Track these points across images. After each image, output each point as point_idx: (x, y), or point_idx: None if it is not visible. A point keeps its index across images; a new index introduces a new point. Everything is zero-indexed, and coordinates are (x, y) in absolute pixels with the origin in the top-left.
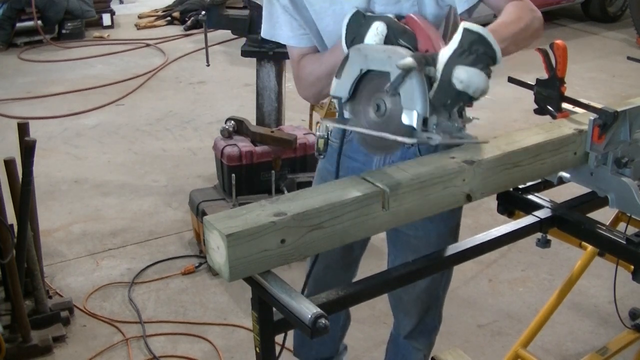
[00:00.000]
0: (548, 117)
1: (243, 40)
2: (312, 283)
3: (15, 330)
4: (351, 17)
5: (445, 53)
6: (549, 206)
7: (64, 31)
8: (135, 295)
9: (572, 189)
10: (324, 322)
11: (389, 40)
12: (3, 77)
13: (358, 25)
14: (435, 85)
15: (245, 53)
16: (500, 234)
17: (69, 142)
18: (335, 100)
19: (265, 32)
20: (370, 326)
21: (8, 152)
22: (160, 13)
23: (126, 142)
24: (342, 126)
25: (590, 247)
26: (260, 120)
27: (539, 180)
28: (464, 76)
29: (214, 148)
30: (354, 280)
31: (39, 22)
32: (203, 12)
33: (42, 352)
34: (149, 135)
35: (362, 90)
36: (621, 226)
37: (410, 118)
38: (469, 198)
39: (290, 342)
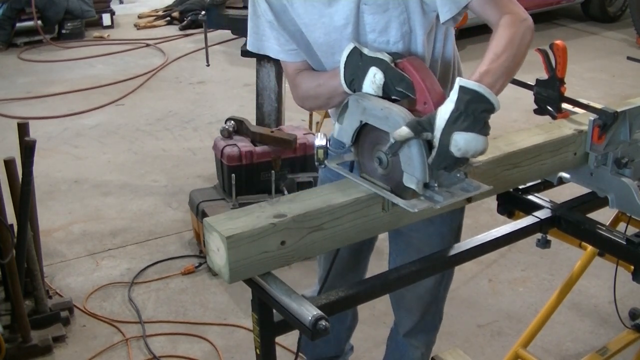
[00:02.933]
0: (548, 117)
1: (243, 40)
2: (319, 278)
3: (15, 330)
4: (348, 55)
5: (442, 116)
6: (549, 206)
7: (64, 31)
8: (135, 295)
9: (572, 189)
10: (324, 324)
11: (386, 88)
12: (3, 77)
13: (356, 64)
14: (434, 153)
15: (245, 53)
16: (500, 234)
17: (69, 142)
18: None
19: (251, 45)
20: (370, 326)
21: (8, 152)
22: (160, 13)
23: (126, 142)
24: (348, 175)
25: (590, 247)
26: (260, 120)
27: (539, 181)
28: (462, 144)
29: (214, 148)
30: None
31: (39, 22)
32: (203, 12)
33: (42, 352)
34: (149, 135)
35: (364, 139)
36: (621, 226)
37: (411, 182)
38: (469, 198)
39: (292, 340)
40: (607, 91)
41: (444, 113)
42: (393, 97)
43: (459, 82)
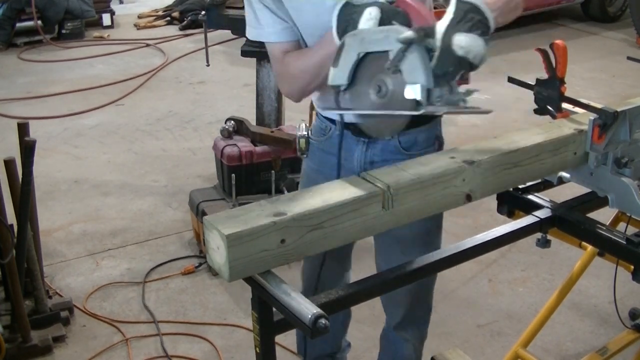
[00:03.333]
0: (548, 117)
1: (243, 40)
2: (307, 279)
3: (15, 330)
4: (341, 8)
5: (442, 24)
6: (549, 206)
7: (64, 31)
8: (136, 295)
9: (572, 189)
10: (324, 322)
11: (382, 23)
12: (3, 77)
13: (350, 14)
14: (437, 54)
15: (245, 53)
16: (500, 234)
17: (69, 142)
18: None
19: (250, 33)
20: (370, 326)
21: (8, 152)
22: (160, 13)
23: (126, 142)
24: (342, 112)
25: (590, 247)
26: (260, 120)
27: (539, 180)
28: (464, 42)
29: (214, 148)
30: (349, 272)
31: (39, 22)
32: (203, 12)
33: (42, 352)
34: (149, 135)
35: (361, 74)
36: (621, 226)
37: (414, 91)
38: (469, 198)
39: (292, 340)
40: (607, 91)
41: (444, 21)
42: None
43: None
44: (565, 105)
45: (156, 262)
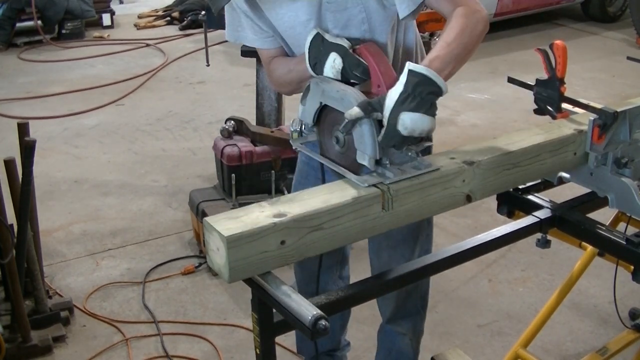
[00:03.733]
0: (548, 117)
1: None
2: (299, 270)
3: (15, 330)
4: (312, 40)
5: (391, 97)
6: (549, 206)
7: (64, 31)
8: (136, 295)
9: (572, 189)
10: (324, 323)
11: (345, 72)
12: (3, 77)
13: (318, 49)
14: (383, 131)
15: (245, 53)
16: (500, 234)
17: (69, 142)
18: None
19: (229, 36)
20: (370, 326)
21: (8, 152)
22: (160, 13)
23: (126, 142)
24: (309, 153)
25: (590, 247)
26: (260, 120)
27: (539, 181)
28: (409, 123)
29: (214, 148)
30: (346, 267)
31: (39, 22)
32: (203, 12)
33: (42, 352)
34: (149, 135)
35: (324, 120)
36: (621, 226)
37: (363, 158)
38: (468, 198)
39: (292, 341)
40: (607, 91)
41: (393, 94)
42: (351, 81)
43: (408, 66)
44: (565, 105)
45: (156, 262)
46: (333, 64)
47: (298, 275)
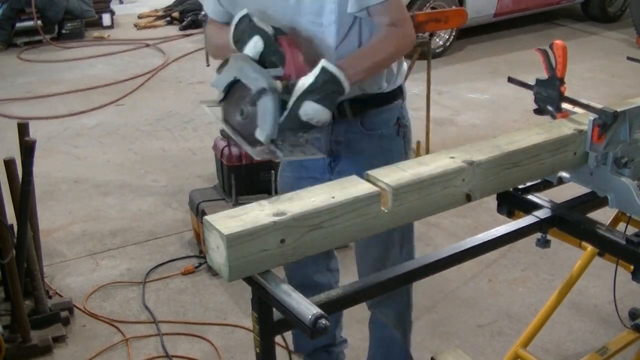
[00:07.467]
0: (548, 117)
1: None
2: (295, 277)
3: (15, 330)
4: (240, 19)
5: (301, 85)
6: (549, 206)
7: (63, 31)
8: (135, 295)
9: (572, 189)
10: (324, 322)
11: (263, 55)
12: (3, 77)
13: (244, 28)
14: (285, 113)
15: None
16: (500, 234)
17: (69, 142)
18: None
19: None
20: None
21: (8, 152)
22: (160, 13)
23: (126, 142)
24: (211, 114)
25: (590, 247)
26: None
27: (539, 180)
28: (311, 112)
29: (214, 148)
30: (333, 261)
31: (39, 22)
32: (203, 12)
33: (42, 352)
34: (148, 135)
35: (234, 92)
36: (621, 226)
37: (261, 135)
38: (468, 198)
39: (289, 340)
40: (607, 91)
41: (303, 83)
42: (266, 65)
43: (322, 62)
44: (565, 105)
45: (156, 262)
46: (255, 45)
47: (288, 266)
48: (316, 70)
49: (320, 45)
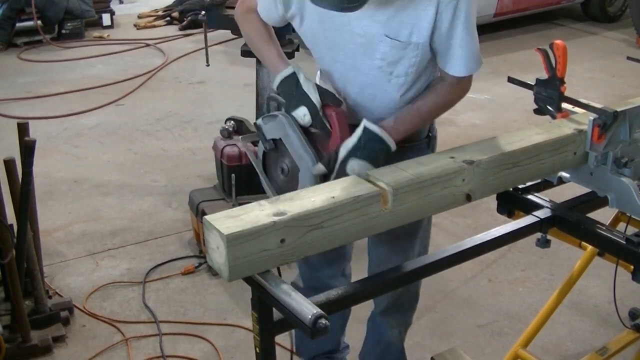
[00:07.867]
0: (548, 117)
1: (243, 40)
2: (302, 264)
3: (15, 330)
4: (286, 77)
5: (346, 146)
6: (549, 206)
7: (63, 31)
8: (135, 295)
9: (572, 189)
10: (324, 322)
11: (310, 125)
12: (3, 77)
13: (290, 90)
14: (333, 175)
15: (245, 53)
16: (500, 234)
17: (69, 142)
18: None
19: None
20: None
21: (8, 152)
22: (160, 13)
23: (126, 142)
24: (256, 167)
25: (590, 247)
26: None
27: (539, 180)
28: (356, 168)
29: (214, 148)
30: (348, 266)
31: (39, 22)
32: (203, 12)
33: (42, 352)
34: (148, 135)
35: (277, 146)
36: (621, 226)
37: None
38: (468, 198)
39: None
40: (607, 91)
41: (346, 144)
42: (312, 130)
43: (364, 123)
44: (565, 105)
45: (156, 262)
46: (303, 117)
47: (302, 268)
48: (359, 131)
49: (381, 93)
